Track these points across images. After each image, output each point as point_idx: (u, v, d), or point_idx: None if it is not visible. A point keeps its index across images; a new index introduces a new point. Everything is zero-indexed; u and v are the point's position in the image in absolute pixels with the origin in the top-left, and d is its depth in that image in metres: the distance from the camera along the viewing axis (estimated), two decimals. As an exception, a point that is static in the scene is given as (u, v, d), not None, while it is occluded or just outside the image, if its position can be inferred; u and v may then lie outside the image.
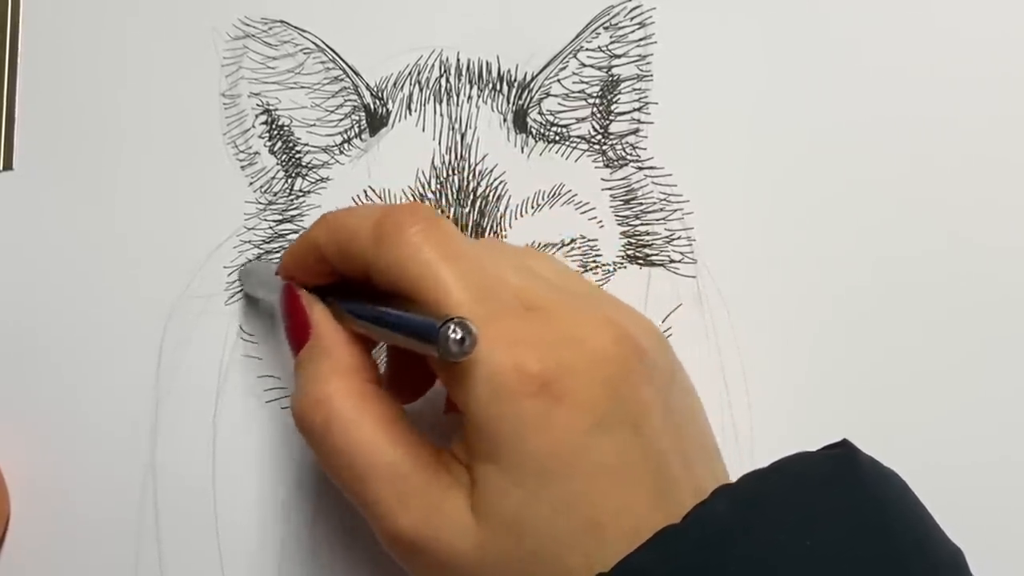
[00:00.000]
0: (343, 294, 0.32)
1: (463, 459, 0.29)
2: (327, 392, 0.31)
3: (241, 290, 0.39)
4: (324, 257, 0.32)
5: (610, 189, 0.39)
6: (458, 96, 0.40)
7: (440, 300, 0.29)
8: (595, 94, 0.40)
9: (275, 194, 0.40)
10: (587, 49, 0.40)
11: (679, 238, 0.39)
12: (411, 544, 0.29)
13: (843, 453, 0.29)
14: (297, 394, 0.32)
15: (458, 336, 0.26)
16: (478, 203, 0.39)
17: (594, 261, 0.39)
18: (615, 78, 0.40)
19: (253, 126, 0.40)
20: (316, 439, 0.31)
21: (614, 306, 0.31)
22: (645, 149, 0.39)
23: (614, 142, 0.39)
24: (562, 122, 0.39)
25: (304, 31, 0.40)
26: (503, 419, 0.28)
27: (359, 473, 0.30)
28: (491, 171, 0.39)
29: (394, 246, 0.30)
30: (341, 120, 0.40)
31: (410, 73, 0.40)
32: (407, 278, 0.29)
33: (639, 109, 0.39)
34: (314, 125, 0.40)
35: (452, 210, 0.39)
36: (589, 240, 0.39)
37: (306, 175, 0.40)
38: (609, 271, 0.39)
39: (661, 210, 0.39)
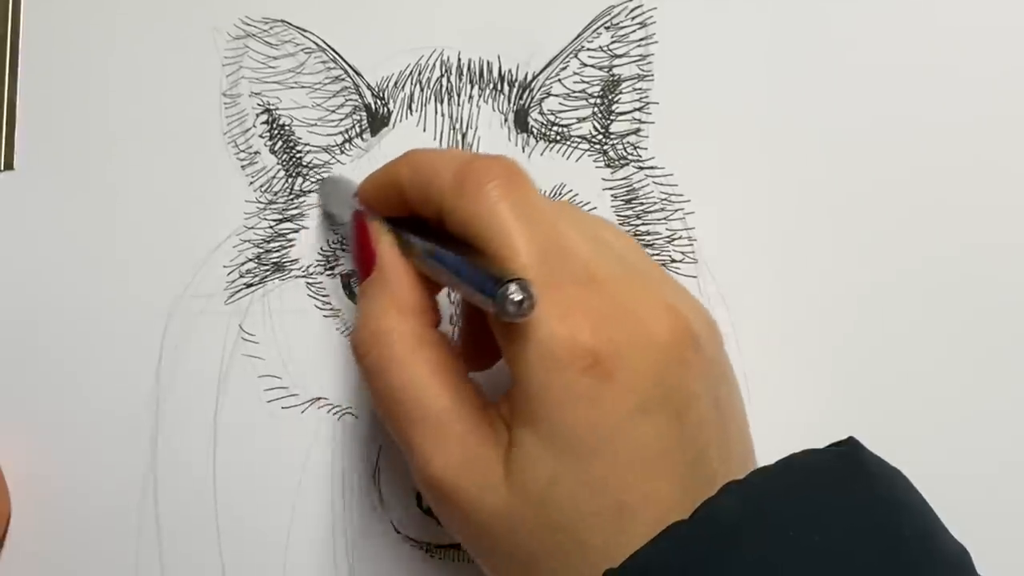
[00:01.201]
0: (416, 230, 0.32)
1: (506, 418, 0.30)
2: (384, 329, 0.31)
3: (249, 278, 0.39)
4: (403, 192, 0.32)
5: (611, 189, 0.39)
6: (459, 96, 0.40)
7: (507, 258, 0.29)
8: (596, 94, 0.40)
9: (275, 194, 0.40)
10: (588, 49, 0.40)
11: (680, 238, 0.39)
12: (441, 490, 0.29)
13: (849, 450, 0.29)
14: (357, 325, 0.32)
15: (518, 297, 0.26)
16: (479, 203, 0.39)
17: (595, 261, 0.39)
18: (616, 78, 0.40)
19: (254, 125, 0.40)
20: (369, 374, 0.31)
21: (677, 291, 0.31)
22: (646, 149, 0.39)
23: (615, 142, 0.39)
24: (563, 122, 0.39)
25: (305, 31, 0.40)
26: (549, 387, 0.28)
27: (405, 413, 0.30)
28: (492, 171, 0.39)
29: (472, 197, 0.30)
30: (342, 120, 0.40)
31: (411, 73, 0.40)
32: (479, 231, 0.29)
33: (640, 109, 0.39)
34: (315, 125, 0.40)
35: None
36: (590, 240, 0.39)
37: (307, 175, 0.40)
38: (610, 271, 0.39)
39: (662, 210, 0.39)
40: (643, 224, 0.39)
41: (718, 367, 0.30)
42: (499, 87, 0.40)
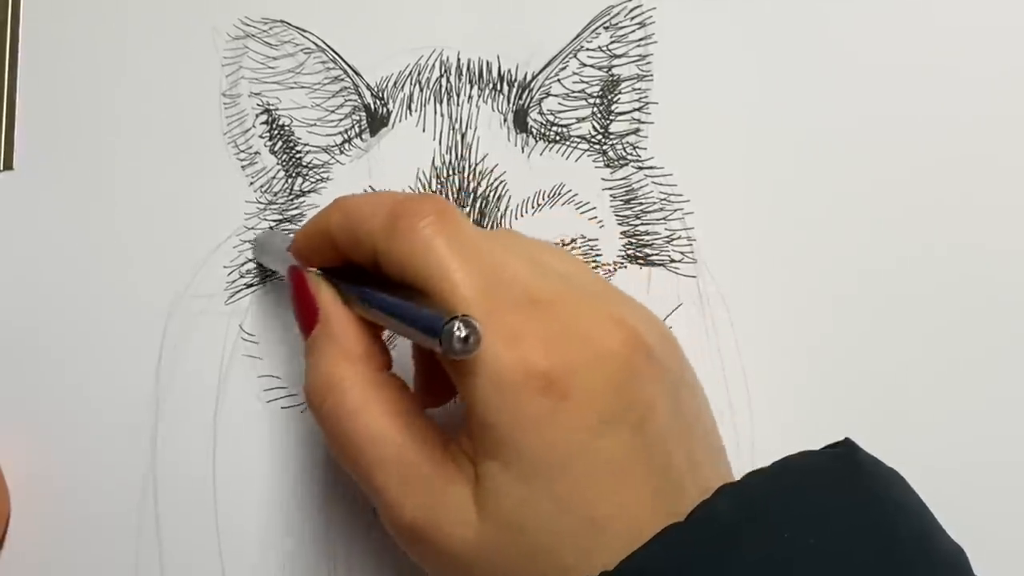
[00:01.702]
0: (353, 278, 0.32)
1: (469, 452, 0.29)
2: (336, 379, 0.31)
3: (249, 278, 0.39)
4: (334, 240, 0.32)
5: (610, 189, 0.39)
6: (458, 96, 0.40)
7: (447, 294, 0.28)
8: (595, 94, 0.40)
9: (275, 194, 0.40)
10: (587, 49, 0.40)
11: (679, 238, 0.39)
12: (413, 533, 0.29)
13: (845, 452, 0.29)
14: (307, 378, 0.32)
15: (463, 334, 0.26)
16: (478, 203, 0.39)
17: (594, 261, 0.39)
18: (615, 78, 0.40)
19: (253, 126, 0.40)
20: (325, 424, 0.31)
21: (623, 303, 0.31)
22: (645, 149, 0.39)
23: (614, 142, 0.39)
24: (562, 122, 0.39)
25: (304, 31, 0.40)
26: (505, 414, 0.28)
27: (366, 461, 0.30)
28: (491, 171, 0.39)
29: (405, 237, 0.29)
30: (341, 120, 0.40)
31: (410, 73, 0.40)
32: (416, 270, 0.29)
33: (639, 109, 0.39)
34: (314, 125, 0.40)
35: (452, 210, 0.39)
36: (589, 240, 0.39)
37: (306, 175, 0.40)
38: (609, 271, 0.39)
39: (661, 210, 0.39)
40: (642, 224, 0.39)
41: (674, 373, 0.30)
42: (498, 87, 0.40)
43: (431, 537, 0.29)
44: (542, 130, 0.39)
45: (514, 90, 0.40)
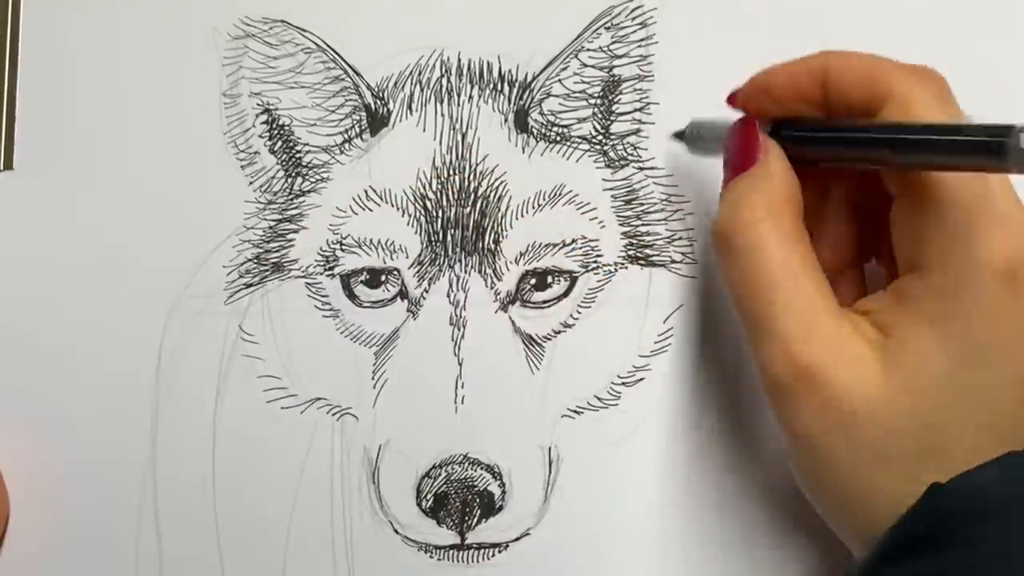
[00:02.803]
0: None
1: (876, 314, 0.30)
2: (761, 215, 0.31)
3: (249, 278, 0.39)
4: (824, 81, 0.32)
5: (611, 189, 0.39)
6: (459, 96, 0.40)
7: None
8: (596, 94, 0.39)
9: (275, 194, 0.40)
10: (588, 49, 0.40)
11: (680, 238, 0.39)
12: (806, 375, 0.30)
13: None
14: (725, 209, 0.32)
15: None
16: (479, 203, 0.39)
17: (595, 261, 0.39)
18: (616, 78, 0.39)
19: (253, 126, 0.40)
20: (735, 258, 0.31)
21: None
22: (646, 150, 0.39)
23: (615, 142, 0.39)
24: (563, 122, 0.39)
25: (305, 31, 0.40)
26: (971, 290, 0.28)
27: (773, 299, 0.30)
28: (492, 171, 0.39)
29: (935, 81, 0.31)
30: (342, 120, 0.40)
31: (411, 73, 0.40)
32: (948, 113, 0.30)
33: (640, 109, 0.39)
34: (315, 125, 0.40)
35: (453, 210, 0.39)
36: (590, 240, 0.39)
37: (306, 175, 0.40)
38: (610, 271, 0.39)
39: (662, 210, 0.39)
40: (643, 224, 0.39)
41: None
42: (499, 87, 0.40)
43: (826, 382, 0.29)
44: (543, 130, 0.39)
45: (515, 90, 0.40)
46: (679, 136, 0.38)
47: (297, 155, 0.40)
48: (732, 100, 0.34)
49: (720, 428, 0.38)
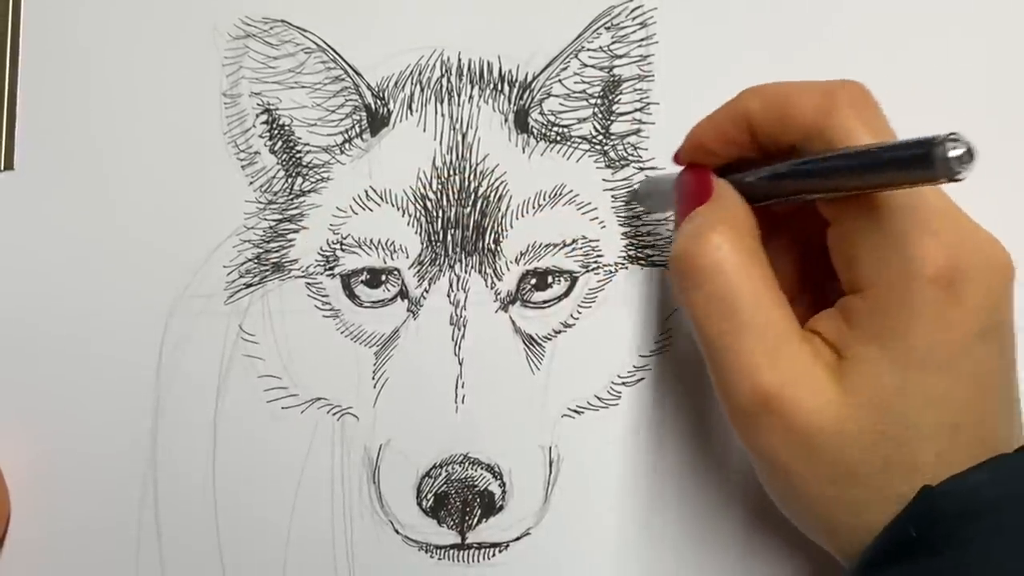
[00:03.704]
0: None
1: (828, 335, 0.31)
2: (719, 240, 0.31)
3: (249, 278, 0.39)
4: (752, 124, 0.32)
5: (612, 190, 0.39)
6: (459, 96, 0.40)
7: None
8: (596, 94, 0.39)
9: (275, 193, 0.40)
10: (588, 49, 0.40)
11: (680, 238, 0.39)
12: (769, 402, 0.30)
13: None
14: (685, 237, 0.32)
15: (958, 152, 0.26)
16: (479, 203, 0.39)
17: (596, 261, 0.39)
18: (616, 78, 0.40)
19: (254, 125, 0.40)
20: (696, 282, 0.31)
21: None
22: (646, 150, 0.39)
23: (615, 142, 0.39)
24: (563, 122, 0.39)
25: (305, 31, 0.40)
26: (908, 302, 0.29)
27: (735, 323, 0.31)
28: (492, 171, 0.39)
29: (846, 114, 0.30)
30: (342, 120, 0.40)
31: (411, 73, 0.40)
32: (872, 138, 0.30)
33: (640, 109, 0.39)
34: (315, 125, 0.40)
35: (453, 210, 0.39)
36: (591, 240, 0.39)
37: (306, 175, 0.40)
38: (611, 271, 0.39)
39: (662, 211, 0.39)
40: (643, 224, 0.39)
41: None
42: (499, 87, 0.40)
43: (787, 408, 0.30)
44: (543, 130, 0.39)
45: (515, 90, 0.40)
46: (633, 196, 0.39)
47: (297, 155, 0.40)
48: (676, 159, 0.35)
49: (720, 428, 0.38)
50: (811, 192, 0.31)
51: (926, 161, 0.26)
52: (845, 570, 0.31)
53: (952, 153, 0.26)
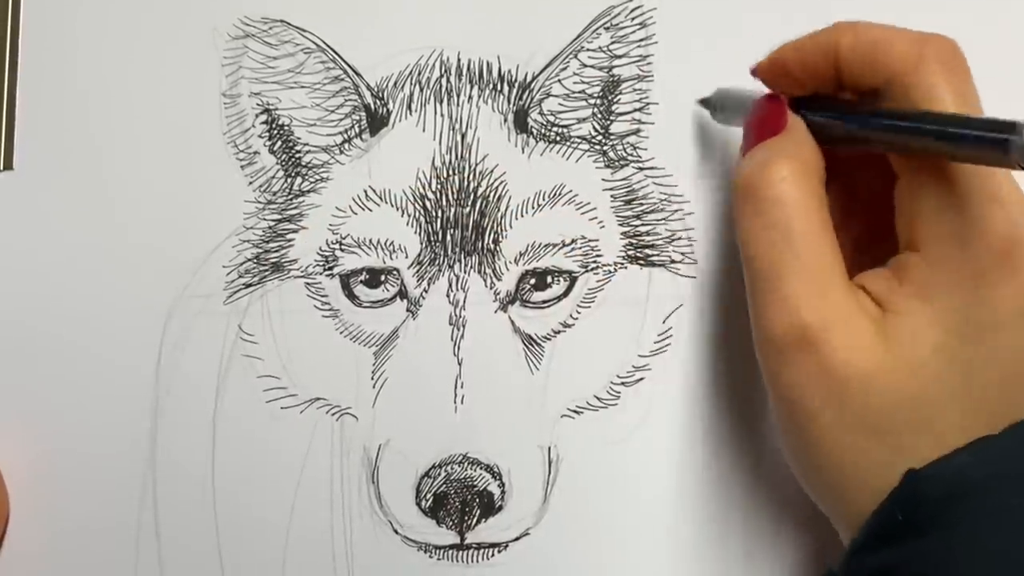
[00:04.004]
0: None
1: (875, 290, 0.31)
2: (786, 174, 0.32)
3: (248, 278, 0.39)
4: (835, 59, 0.32)
5: (611, 189, 0.39)
6: (459, 96, 0.40)
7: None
8: (596, 94, 0.39)
9: (274, 193, 0.40)
10: (588, 49, 0.40)
11: (680, 238, 0.39)
12: (809, 337, 0.30)
13: None
14: (753, 166, 0.32)
15: None
16: (479, 203, 0.39)
17: (595, 261, 0.39)
18: (616, 78, 0.39)
19: (253, 126, 0.40)
20: (757, 209, 0.32)
21: None
22: (646, 150, 0.39)
23: (615, 142, 0.39)
24: (563, 122, 0.39)
25: (304, 31, 0.40)
26: (959, 264, 0.29)
27: (788, 256, 0.31)
28: (492, 171, 0.39)
29: (935, 70, 0.30)
30: (341, 120, 0.40)
31: (410, 73, 0.40)
32: (951, 102, 0.30)
33: (640, 109, 0.39)
34: (314, 125, 0.40)
35: (452, 210, 0.39)
36: (590, 240, 0.39)
37: (306, 175, 0.40)
38: (610, 271, 0.39)
39: (662, 210, 0.39)
40: (643, 224, 0.39)
41: None
42: (499, 87, 0.40)
43: (824, 348, 0.30)
44: (542, 130, 0.39)
45: (514, 90, 0.40)
46: (704, 103, 0.38)
47: (297, 155, 0.40)
48: (754, 71, 0.35)
49: (719, 428, 0.38)
50: (882, 145, 0.32)
51: (1001, 145, 0.26)
52: (830, 564, 0.31)
53: None
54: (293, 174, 0.40)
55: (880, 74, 0.31)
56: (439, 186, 0.39)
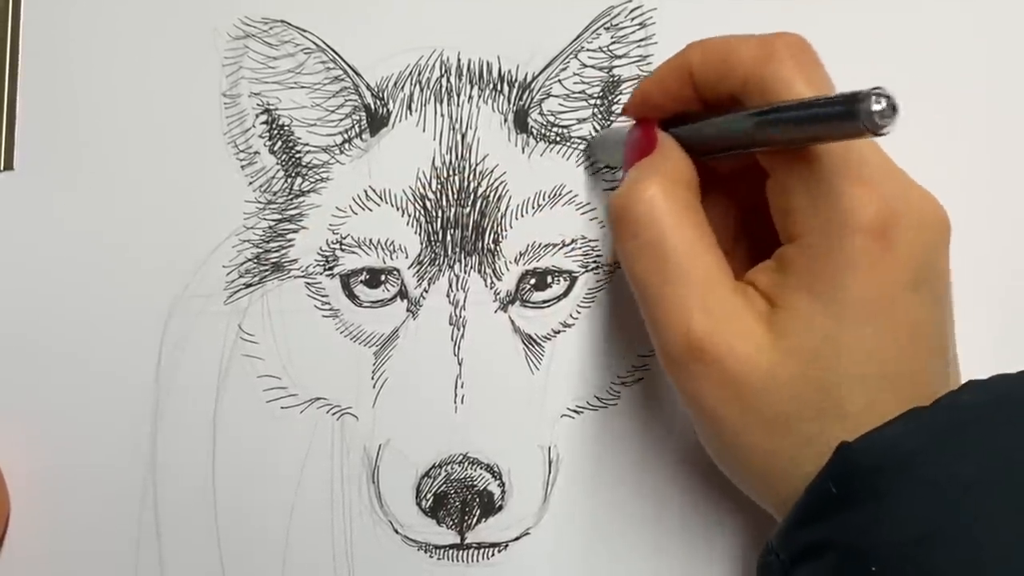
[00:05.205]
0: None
1: (763, 285, 0.31)
2: (655, 191, 0.32)
3: (248, 278, 0.39)
4: (694, 77, 0.33)
5: (611, 189, 0.39)
6: (459, 96, 0.40)
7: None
8: (596, 95, 0.40)
9: (274, 193, 0.40)
10: (588, 49, 0.40)
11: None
12: (702, 349, 0.30)
13: None
14: (623, 189, 0.33)
15: (880, 106, 0.26)
16: (479, 203, 0.39)
17: (595, 261, 0.39)
18: (616, 79, 0.40)
19: (253, 126, 0.40)
20: (631, 231, 0.32)
21: None
22: (646, 149, 0.39)
23: (615, 142, 0.39)
24: (563, 122, 0.39)
25: (305, 31, 0.40)
26: (839, 250, 0.29)
27: (669, 273, 0.31)
28: (492, 171, 0.39)
29: (784, 63, 0.31)
30: (341, 120, 0.40)
31: (411, 73, 0.40)
32: (803, 89, 0.30)
33: (640, 109, 0.39)
34: (314, 125, 0.40)
35: (452, 210, 0.39)
36: (590, 240, 0.39)
37: (306, 175, 0.40)
38: (610, 271, 0.39)
39: (662, 210, 0.39)
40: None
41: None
42: (499, 87, 0.40)
43: (719, 355, 0.30)
44: (543, 131, 0.39)
45: (515, 90, 0.40)
46: (585, 151, 0.39)
47: (297, 155, 0.40)
48: (624, 112, 0.36)
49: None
50: (748, 146, 0.32)
51: (851, 115, 0.27)
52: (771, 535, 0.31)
53: (875, 107, 0.26)
54: (293, 174, 0.40)
55: (735, 78, 0.32)
56: (439, 186, 0.39)
